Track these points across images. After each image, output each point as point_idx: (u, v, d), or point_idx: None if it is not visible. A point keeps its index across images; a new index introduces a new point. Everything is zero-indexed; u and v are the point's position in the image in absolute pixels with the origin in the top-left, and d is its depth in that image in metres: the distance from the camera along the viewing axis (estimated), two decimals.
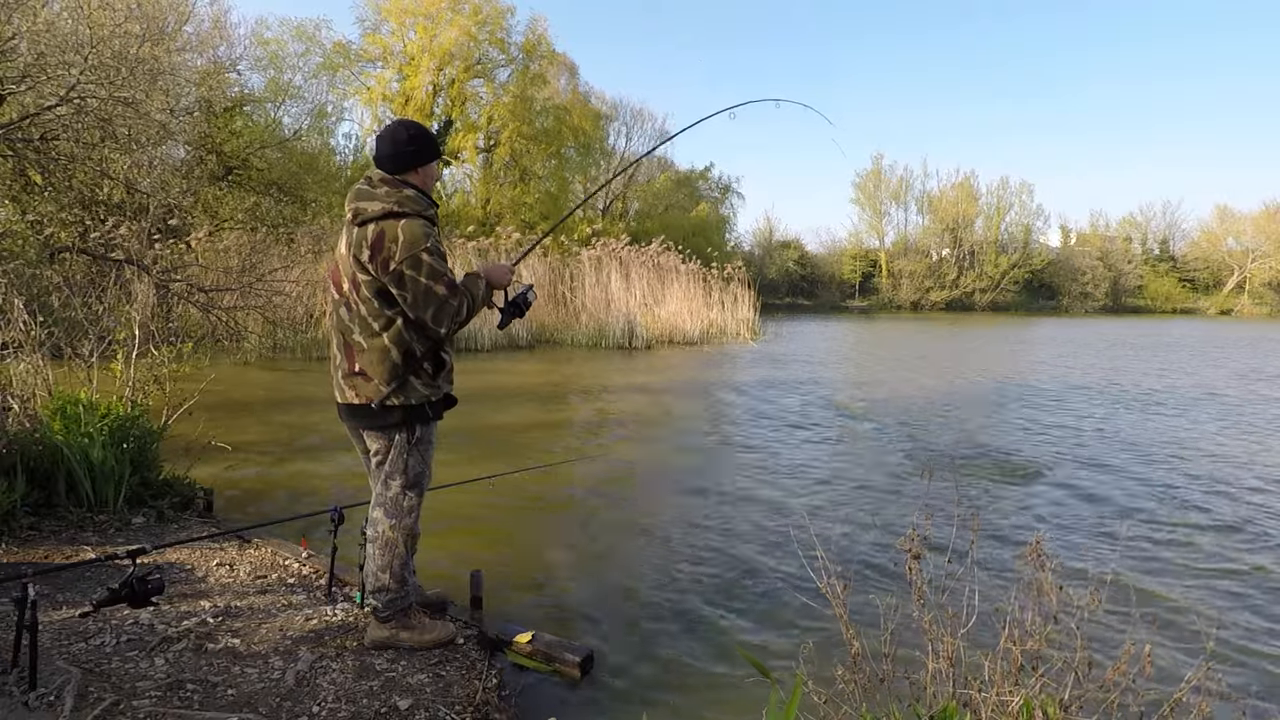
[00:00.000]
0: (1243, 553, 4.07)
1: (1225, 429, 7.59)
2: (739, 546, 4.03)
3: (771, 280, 35.47)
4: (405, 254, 2.32)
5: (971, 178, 39.25)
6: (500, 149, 21.06)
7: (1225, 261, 42.06)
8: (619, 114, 28.98)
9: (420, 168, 2.52)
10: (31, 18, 7.26)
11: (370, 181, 2.46)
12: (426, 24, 20.59)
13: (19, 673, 2.17)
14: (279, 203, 13.57)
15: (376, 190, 2.42)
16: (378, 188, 2.42)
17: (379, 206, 2.38)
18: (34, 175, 9.07)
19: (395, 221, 2.36)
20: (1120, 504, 4.93)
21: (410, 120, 2.71)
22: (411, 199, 2.42)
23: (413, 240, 2.33)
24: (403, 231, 2.34)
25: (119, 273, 9.03)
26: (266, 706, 2.19)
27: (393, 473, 2.52)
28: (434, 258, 2.36)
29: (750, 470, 5.68)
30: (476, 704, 2.32)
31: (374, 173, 2.50)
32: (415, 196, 2.44)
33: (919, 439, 6.84)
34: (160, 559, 3.15)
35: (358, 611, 2.84)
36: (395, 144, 2.48)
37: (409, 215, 2.38)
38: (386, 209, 2.37)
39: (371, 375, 2.42)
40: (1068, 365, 13.44)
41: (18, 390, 4.19)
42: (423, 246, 2.34)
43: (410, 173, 2.49)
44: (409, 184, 2.47)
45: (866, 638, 1.95)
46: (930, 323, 28.35)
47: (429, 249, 2.35)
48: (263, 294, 10.32)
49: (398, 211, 2.37)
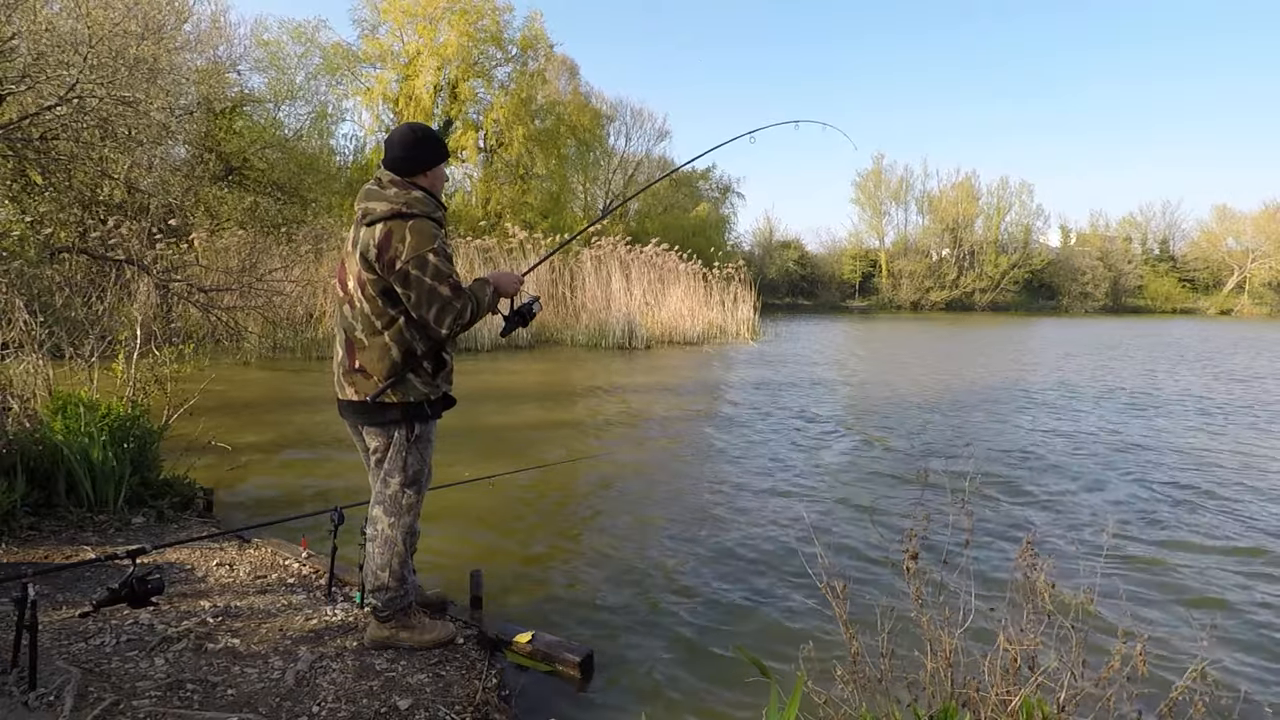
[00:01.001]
0: (1243, 552, 4.07)
1: (1232, 431, 7.60)
2: (739, 546, 4.03)
3: (771, 280, 35.47)
4: (411, 254, 2.34)
5: (971, 178, 39.31)
6: (506, 149, 21.05)
7: (1225, 261, 42.06)
8: (619, 114, 29.02)
9: (429, 170, 2.54)
10: (31, 17, 7.26)
11: (379, 182, 2.48)
12: (425, 25, 20.59)
13: (19, 673, 2.18)
14: (279, 203, 13.57)
15: (385, 191, 2.44)
16: (386, 188, 2.45)
17: (387, 207, 2.40)
18: (34, 175, 9.07)
19: (403, 222, 2.38)
20: (1120, 503, 4.93)
21: (419, 123, 2.73)
22: (420, 200, 2.44)
23: (420, 241, 2.36)
24: (410, 232, 2.36)
25: (119, 273, 9.05)
26: (266, 706, 2.20)
27: (392, 470, 2.53)
28: (440, 259, 2.38)
29: (750, 470, 5.68)
30: (476, 704, 2.33)
31: (383, 174, 2.51)
32: (423, 198, 2.46)
33: (919, 439, 6.84)
34: (160, 559, 3.15)
35: (358, 611, 2.85)
36: (405, 146, 2.50)
37: (417, 216, 2.40)
38: (395, 209, 2.39)
39: (371, 372, 2.44)
40: (1068, 366, 13.45)
41: (18, 390, 4.20)
42: (429, 247, 2.36)
43: (419, 175, 2.51)
44: (418, 185, 2.49)
45: (866, 637, 1.95)
46: (930, 323, 28.36)
47: (435, 250, 2.37)
48: (263, 294, 10.33)
49: (406, 212, 2.39)
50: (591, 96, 26.03)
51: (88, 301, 7.31)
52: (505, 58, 21.88)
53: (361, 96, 20.78)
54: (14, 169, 8.66)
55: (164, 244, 9.04)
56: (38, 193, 9.24)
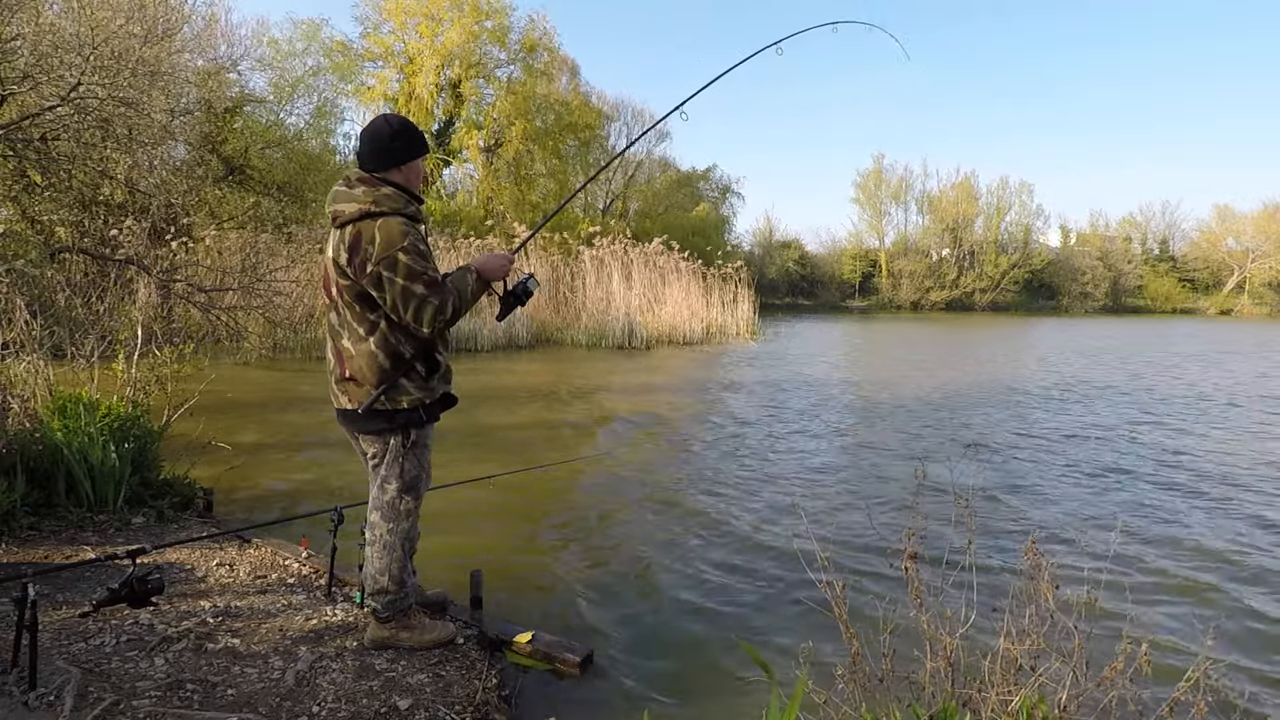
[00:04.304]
0: (1250, 551, 4.07)
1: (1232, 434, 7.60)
2: (739, 546, 4.03)
3: (771, 280, 35.48)
4: (382, 254, 2.25)
5: (971, 178, 39.29)
6: (506, 147, 21.05)
7: (1225, 261, 42.04)
8: (620, 114, 29.00)
9: (404, 165, 2.43)
10: (34, 18, 7.26)
11: (348, 181, 2.39)
12: (428, 23, 20.60)
13: (19, 673, 2.17)
14: (279, 203, 13.56)
15: (353, 190, 2.35)
16: (354, 188, 2.35)
17: (355, 208, 2.31)
18: (34, 175, 9.08)
19: (372, 222, 2.29)
20: (1124, 502, 4.93)
21: (394, 114, 2.57)
22: (389, 197, 2.34)
23: (389, 240, 2.26)
24: (379, 231, 2.27)
25: (120, 273, 9.05)
26: (266, 706, 2.20)
27: (389, 476, 2.49)
28: (411, 257, 2.27)
29: (749, 470, 5.68)
30: (476, 704, 2.32)
31: (352, 172, 2.43)
32: (393, 194, 2.35)
33: (919, 439, 6.84)
34: (160, 559, 3.15)
35: (358, 611, 2.84)
36: (376, 140, 2.40)
37: (385, 214, 2.30)
38: (363, 209, 2.31)
39: (362, 381, 2.38)
40: (1068, 366, 13.44)
41: (18, 390, 4.20)
42: (399, 246, 2.26)
43: (393, 170, 2.41)
44: (388, 181, 2.38)
45: (866, 638, 1.95)
46: (930, 323, 28.35)
47: (405, 248, 2.27)
48: (263, 294, 10.32)
49: (374, 211, 2.30)
50: (592, 96, 26.04)
51: (88, 302, 7.31)
52: (509, 58, 21.90)
53: (362, 95, 20.80)
54: (14, 169, 8.67)
55: (177, 243, 9.00)
56: (38, 193, 9.25)
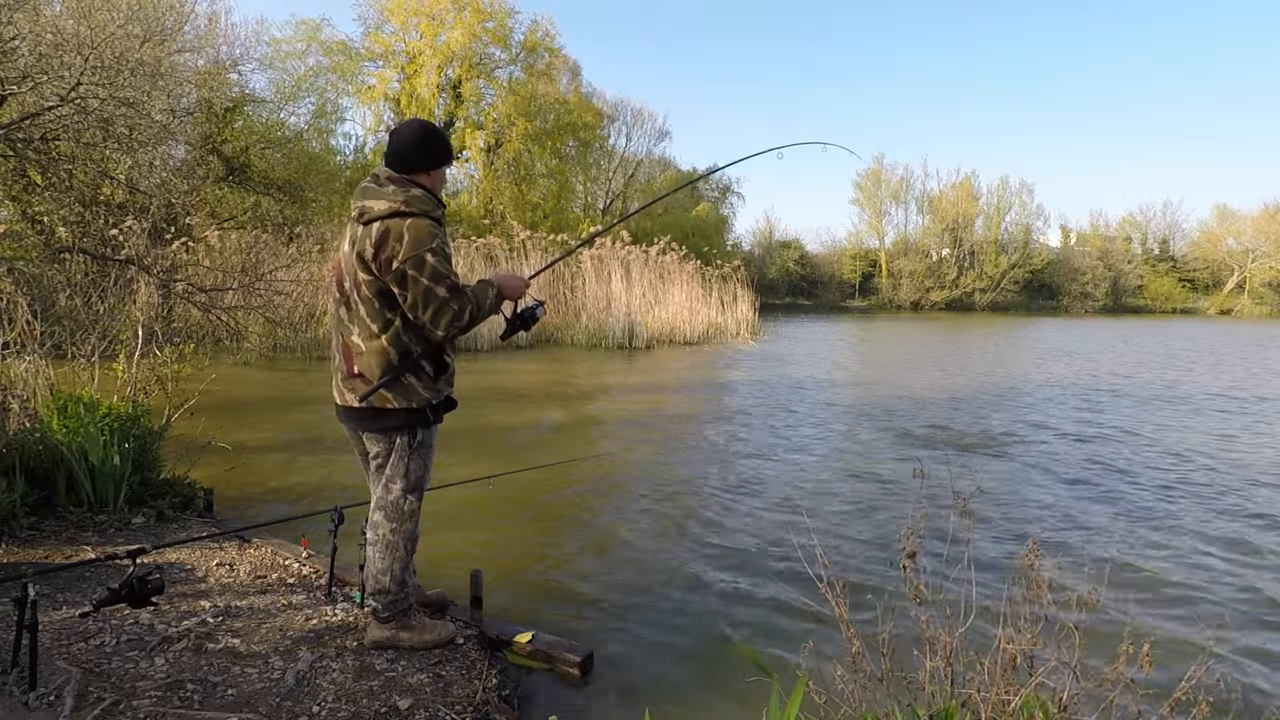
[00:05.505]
0: (1253, 550, 4.06)
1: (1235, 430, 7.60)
2: (739, 546, 4.03)
3: (771, 280, 35.48)
4: (409, 254, 2.28)
5: (971, 178, 39.25)
6: (506, 147, 21.05)
7: (1225, 261, 42.00)
8: (620, 114, 29.04)
9: (432, 170, 2.47)
10: (34, 18, 7.26)
11: (377, 179, 2.41)
12: (430, 24, 20.60)
13: (19, 673, 2.17)
14: (279, 203, 13.57)
15: (383, 188, 2.37)
16: (384, 186, 2.38)
17: (385, 205, 2.33)
18: (34, 175, 9.08)
19: (401, 221, 2.31)
20: (1126, 501, 4.93)
21: (428, 121, 2.63)
22: (419, 199, 2.37)
23: (418, 240, 2.29)
24: (408, 231, 2.30)
25: (120, 273, 9.05)
26: (266, 706, 2.20)
27: (393, 476, 2.49)
28: (438, 259, 2.31)
29: (749, 469, 5.68)
30: (476, 704, 2.32)
31: (381, 170, 2.44)
32: (423, 196, 2.39)
33: (918, 439, 6.84)
34: (160, 559, 3.15)
35: (358, 611, 2.85)
36: (409, 144, 2.43)
37: (415, 215, 2.33)
38: (393, 208, 2.33)
39: (370, 378, 2.39)
40: (1068, 365, 13.43)
41: (18, 390, 4.19)
42: (427, 247, 2.29)
43: (421, 173, 2.45)
44: (417, 184, 2.42)
45: (866, 637, 1.95)
46: (930, 323, 28.34)
47: (433, 250, 2.30)
48: (264, 294, 10.32)
49: (404, 211, 2.33)
50: (593, 96, 26.09)
51: (88, 301, 7.30)
52: (510, 59, 21.91)
53: (362, 95, 20.80)
54: (15, 169, 8.67)
55: (179, 243, 9.01)
56: (38, 192, 9.25)
